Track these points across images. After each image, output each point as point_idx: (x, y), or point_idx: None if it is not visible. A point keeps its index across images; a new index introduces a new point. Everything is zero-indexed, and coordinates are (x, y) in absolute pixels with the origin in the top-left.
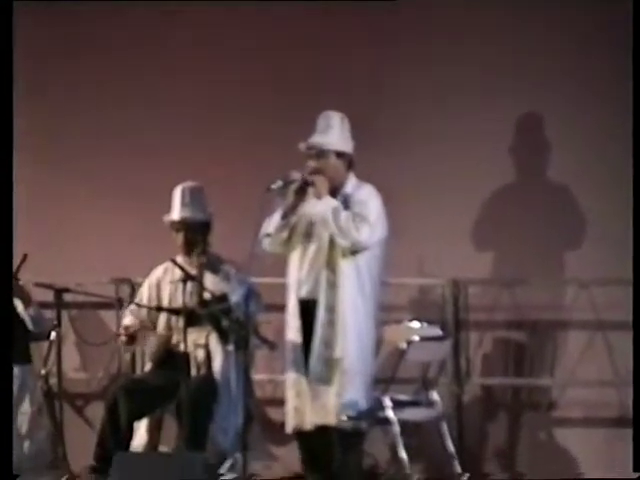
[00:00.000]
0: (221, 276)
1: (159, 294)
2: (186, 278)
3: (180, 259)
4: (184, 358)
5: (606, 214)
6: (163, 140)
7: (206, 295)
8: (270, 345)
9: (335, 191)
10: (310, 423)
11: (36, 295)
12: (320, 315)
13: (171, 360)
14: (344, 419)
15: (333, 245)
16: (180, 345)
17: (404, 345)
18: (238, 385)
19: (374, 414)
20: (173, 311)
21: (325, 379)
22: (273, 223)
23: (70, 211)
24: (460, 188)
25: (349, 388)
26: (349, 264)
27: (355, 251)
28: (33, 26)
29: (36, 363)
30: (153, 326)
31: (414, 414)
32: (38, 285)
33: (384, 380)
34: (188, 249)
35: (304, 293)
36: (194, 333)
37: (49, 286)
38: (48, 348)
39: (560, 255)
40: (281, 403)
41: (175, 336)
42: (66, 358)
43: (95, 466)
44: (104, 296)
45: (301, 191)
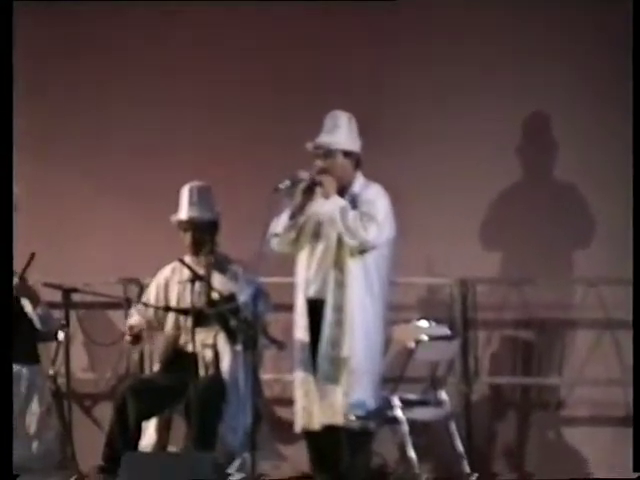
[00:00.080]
0: (229, 276)
1: (167, 294)
2: (194, 278)
3: (188, 259)
4: (192, 358)
5: (613, 213)
6: (163, 140)
7: (214, 295)
8: (278, 345)
9: (343, 190)
10: (318, 423)
11: (44, 295)
12: (328, 315)
13: (179, 360)
14: (352, 419)
15: (341, 245)
16: (188, 345)
17: (412, 344)
18: (246, 385)
19: (382, 413)
20: (181, 311)
21: (333, 378)
22: (281, 223)
23: (79, 211)
24: (460, 188)
25: (357, 388)
26: (357, 264)
27: (363, 250)
28: (33, 26)
29: (44, 363)
30: (160, 326)
31: (423, 413)
32: (46, 285)
33: (393, 379)
34: (196, 249)
35: (312, 293)
36: (202, 333)
37: (57, 286)
38: (56, 348)
39: (568, 254)
40: (289, 403)
41: (183, 336)
42: (74, 358)
43: (104, 466)
44: (112, 296)
45: (309, 191)
